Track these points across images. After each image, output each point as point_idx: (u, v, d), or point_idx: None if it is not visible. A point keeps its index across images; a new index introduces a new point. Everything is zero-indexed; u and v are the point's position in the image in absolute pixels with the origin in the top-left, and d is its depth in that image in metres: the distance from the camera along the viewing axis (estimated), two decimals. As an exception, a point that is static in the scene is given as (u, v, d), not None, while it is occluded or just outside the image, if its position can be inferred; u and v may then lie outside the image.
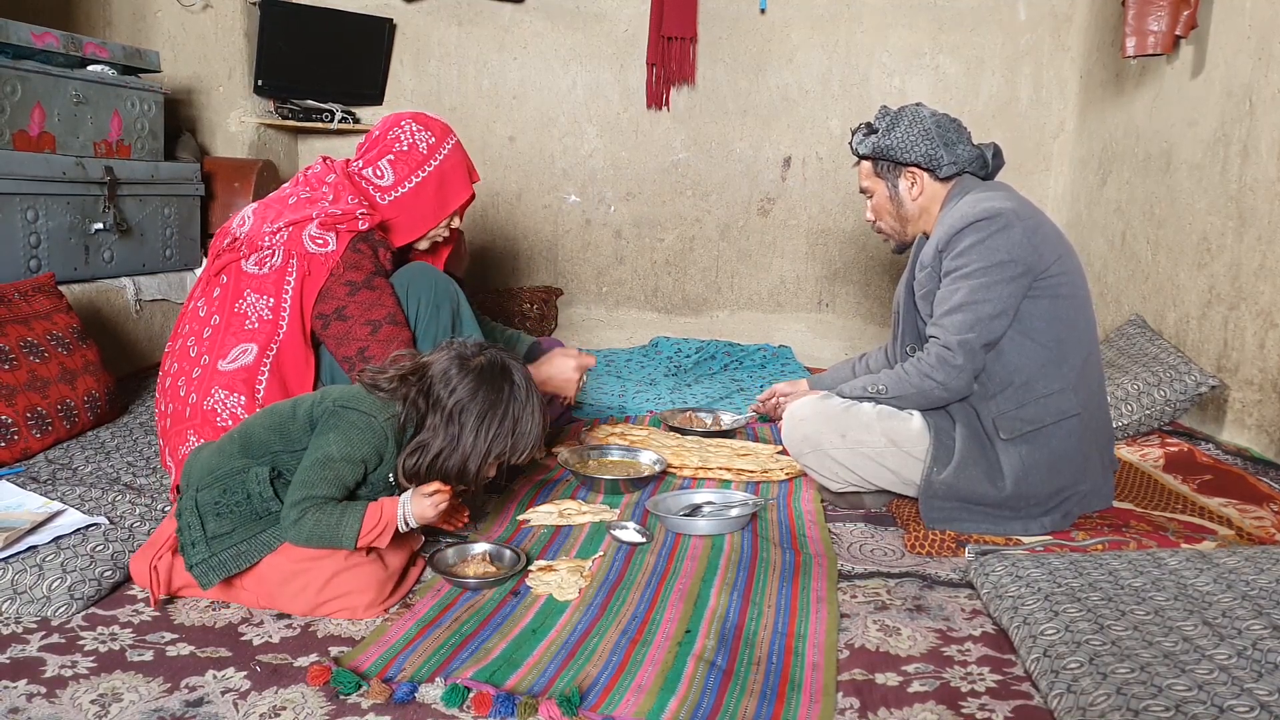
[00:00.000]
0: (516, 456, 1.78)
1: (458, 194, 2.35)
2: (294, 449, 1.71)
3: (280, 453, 1.72)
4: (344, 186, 2.20)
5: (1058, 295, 2.07)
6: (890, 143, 2.21)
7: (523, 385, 1.77)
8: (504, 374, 1.76)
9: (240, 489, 1.68)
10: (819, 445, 2.21)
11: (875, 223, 2.35)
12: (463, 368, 1.74)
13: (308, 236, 2.11)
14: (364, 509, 1.66)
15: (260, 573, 1.67)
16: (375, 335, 2.10)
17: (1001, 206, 2.06)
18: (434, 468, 1.72)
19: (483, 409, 1.72)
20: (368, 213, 2.17)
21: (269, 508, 1.68)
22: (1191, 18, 2.97)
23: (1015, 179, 4.29)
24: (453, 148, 2.34)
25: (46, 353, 2.51)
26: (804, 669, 1.51)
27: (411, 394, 1.72)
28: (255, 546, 1.66)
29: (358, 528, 1.64)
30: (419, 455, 1.71)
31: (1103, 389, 2.20)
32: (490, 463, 1.77)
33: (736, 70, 4.40)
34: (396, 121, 2.32)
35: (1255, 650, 1.40)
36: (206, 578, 1.64)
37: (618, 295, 4.64)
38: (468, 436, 1.71)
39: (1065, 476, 2.07)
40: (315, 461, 1.66)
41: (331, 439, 1.67)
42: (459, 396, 1.71)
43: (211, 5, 4.12)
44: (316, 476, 1.65)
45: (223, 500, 1.67)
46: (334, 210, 2.14)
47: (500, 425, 1.74)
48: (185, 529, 1.66)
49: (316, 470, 1.65)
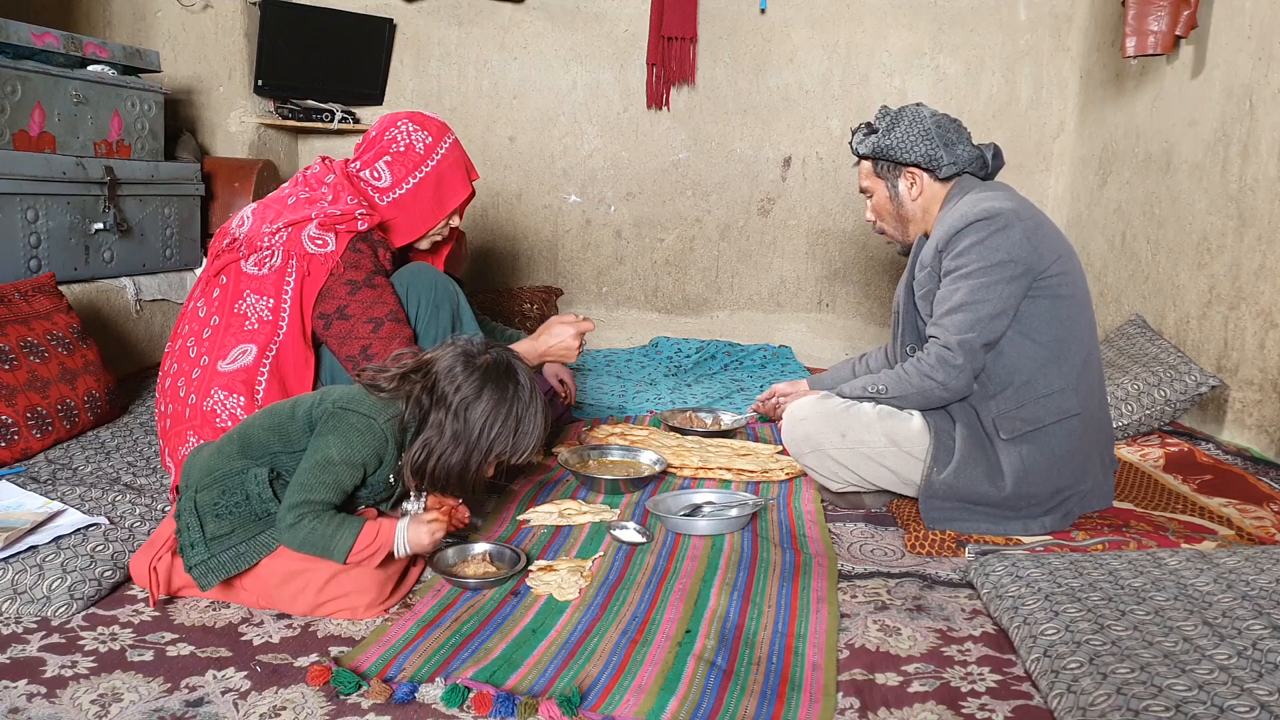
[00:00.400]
0: (517, 456, 1.78)
1: (456, 193, 2.35)
2: (293, 450, 1.71)
3: (279, 454, 1.72)
4: (343, 187, 2.20)
5: (1058, 295, 2.07)
6: (890, 143, 2.21)
7: (527, 386, 1.77)
8: (509, 373, 1.76)
9: (239, 490, 1.67)
10: (819, 445, 2.21)
11: (876, 223, 2.35)
12: (468, 365, 1.74)
13: (307, 237, 2.11)
14: (360, 526, 1.65)
15: (259, 573, 1.67)
16: (378, 333, 2.10)
17: (1001, 206, 2.06)
18: (437, 465, 1.71)
19: (488, 407, 1.72)
20: (367, 213, 2.17)
21: (268, 509, 1.67)
22: (1192, 18, 2.97)
23: (1015, 179, 4.30)
24: (450, 147, 2.34)
25: (47, 353, 2.51)
26: (804, 669, 1.51)
27: (415, 391, 1.72)
28: (254, 548, 1.66)
29: (351, 544, 1.64)
30: (425, 451, 1.71)
31: (1103, 388, 2.20)
32: (490, 461, 1.76)
33: (737, 70, 4.40)
34: (393, 122, 2.31)
35: (1255, 650, 1.40)
36: (205, 579, 1.64)
37: (618, 295, 4.64)
38: (472, 433, 1.71)
39: (1065, 476, 2.07)
40: (314, 464, 1.65)
41: (331, 441, 1.66)
42: (465, 394, 1.71)
43: (211, 5, 4.13)
44: (315, 480, 1.65)
45: (222, 501, 1.67)
46: (333, 210, 2.14)
47: (504, 424, 1.73)
48: (184, 530, 1.66)
49: (315, 473, 1.65)
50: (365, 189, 2.27)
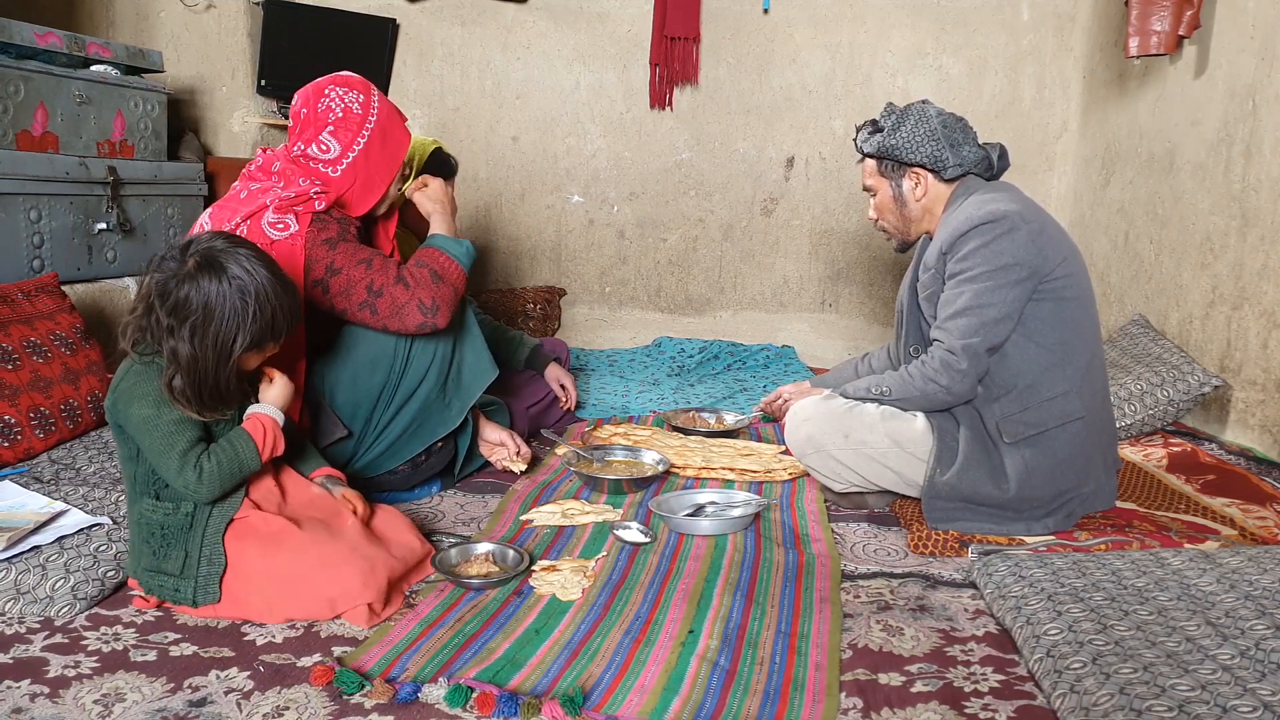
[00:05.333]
0: (269, 339, 1.72)
1: (402, 142, 2.28)
2: (133, 457, 1.71)
3: (136, 472, 1.72)
4: (292, 170, 2.15)
5: (1062, 298, 2.07)
6: (895, 142, 2.19)
7: (243, 273, 1.67)
8: (216, 267, 1.66)
9: (155, 529, 1.68)
10: (822, 446, 2.21)
11: (878, 221, 2.34)
12: (177, 276, 1.65)
13: (266, 224, 2.07)
14: (246, 433, 1.70)
15: (257, 577, 1.67)
16: (371, 268, 2.09)
17: (1006, 209, 2.05)
18: (190, 379, 1.65)
19: (210, 306, 1.64)
20: (322, 191, 2.13)
21: (185, 512, 1.68)
22: (1194, 17, 2.97)
23: (1018, 179, 4.27)
24: (380, 98, 2.26)
25: (50, 353, 2.52)
26: (807, 669, 1.51)
27: (137, 321, 1.68)
28: (211, 540, 1.67)
29: (254, 447, 1.69)
30: (174, 372, 1.65)
31: (1106, 391, 2.20)
32: (243, 355, 1.69)
33: (740, 70, 4.40)
34: (319, 92, 2.21)
35: (1258, 650, 1.40)
36: (208, 594, 1.65)
37: (621, 295, 4.64)
38: (208, 339, 1.64)
39: (1069, 479, 2.07)
40: (146, 432, 1.65)
41: (134, 411, 1.65)
42: (183, 305, 1.64)
43: (214, 5, 4.13)
44: (160, 436, 1.64)
45: (155, 546, 1.68)
46: (287, 194, 2.09)
47: (234, 317, 1.65)
48: (162, 590, 1.67)
49: (154, 434, 1.64)
50: (315, 167, 2.18)
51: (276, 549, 1.67)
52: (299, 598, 1.64)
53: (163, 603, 1.69)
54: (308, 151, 2.18)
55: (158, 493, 1.71)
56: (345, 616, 1.65)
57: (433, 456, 2.31)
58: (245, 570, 1.66)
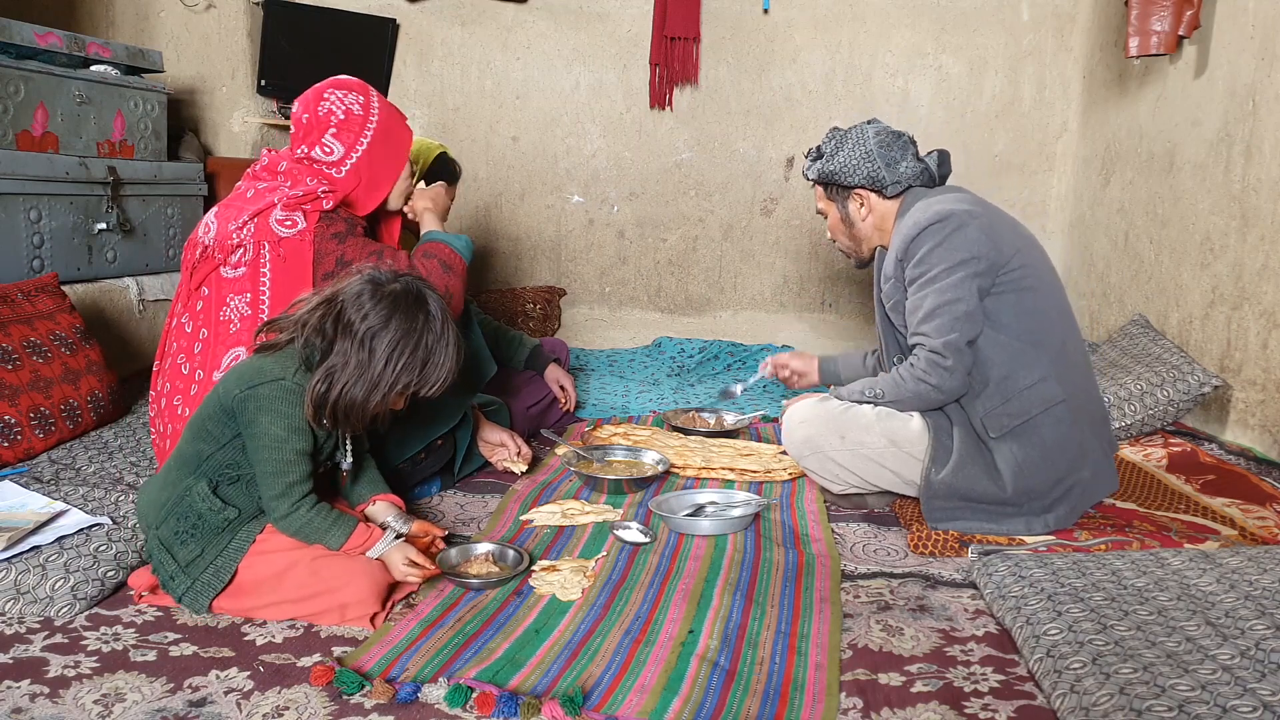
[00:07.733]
0: (426, 389, 1.73)
1: (404, 141, 2.30)
2: (223, 444, 1.69)
3: (214, 454, 1.70)
4: (299, 171, 2.18)
5: (1022, 288, 2.09)
6: (834, 168, 2.25)
7: (438, 316, 1.71)
8: (419, 302, 1.70)
9: (191, 512, 1.67)
10: (819, 448, 2.21)
11: (835, 242, 2.41)
12: (376, 292, 1.68)
13: (275, 221, 2.09)
14: (355, 525, 1.70)
15: (253, 580, 1.67)
16: (383, 259, 2.11)
17: (953, 208, 2.09)
18: (340, 395, 1.64)
19: (395, 336, 1.66)
20: (330, 190, 2.15)
21: (224, 518, 1.68)
22: (1194, 18, 2.97)
23: (1018, 179, 4.32)
24: (379, 98, 2.28)
25: (50, 353, 2.52)
26: (807, 669, 1.51)
27: (316, 320, 1.66)
28: (228, 556, 1.67)
29: (343, 541, 1.68)
30: (328, 381, 1.64)
31: (1089, 371, 2.22)
32: (397, 394, 1.70)
33: (740, 70, 4.40)
34: (319, 96, 2.23)
35: (1258, 650, 1.40)
36: (197, 603, 1.65)
37: (621, 295, 4.64)
38: (377, 364, 1.65)
39: (1063, 465, 2.07)
40: (266, 447, 1.64)
41: (264, 422, 1.64)
42: (371, 322, 1.66)
43: (214, 5, 4.13)
44: (278, 462, 1.64)
45: (181, 528, 1.67)
46: (294, 191, 2.11)
47: (412, 355, 1.67)
48: (160, 567, 1.67)
49: (274, 454, 1.64)
50: (319, 169, 2.21)
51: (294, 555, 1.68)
52: (311, 602, 1.65)
53: (157, 589, 1.69)
54: (312, 154, 2.21)
55: (216, 485, 1.69)
56: (350, 621, 1.65)
57: (431, 454, 2.30)
58: (259, 570, 1.67)
